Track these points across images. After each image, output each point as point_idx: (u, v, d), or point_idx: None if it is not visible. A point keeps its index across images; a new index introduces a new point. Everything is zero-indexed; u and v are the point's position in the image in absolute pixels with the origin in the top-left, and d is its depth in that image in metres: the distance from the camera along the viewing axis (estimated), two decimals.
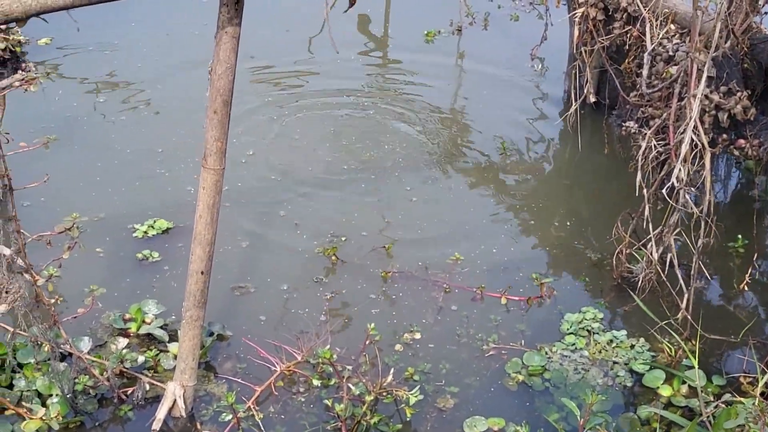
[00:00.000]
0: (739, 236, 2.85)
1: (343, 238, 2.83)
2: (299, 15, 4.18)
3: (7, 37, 3.61)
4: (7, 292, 1.96)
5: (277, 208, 2.99)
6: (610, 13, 3.19)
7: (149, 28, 4.11)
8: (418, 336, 2.52)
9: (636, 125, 2.94)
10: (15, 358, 2.31)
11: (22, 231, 2.02)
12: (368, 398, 2.23)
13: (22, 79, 2.39)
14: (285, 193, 3.07)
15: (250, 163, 3.21)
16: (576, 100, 3.31)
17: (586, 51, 3.27)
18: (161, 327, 2.48)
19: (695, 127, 2.39)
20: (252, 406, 2.28)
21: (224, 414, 2.25)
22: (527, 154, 3.41)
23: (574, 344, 2.48)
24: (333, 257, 2.75)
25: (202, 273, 2.21)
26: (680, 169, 2.43)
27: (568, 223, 2.98)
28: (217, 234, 2.18)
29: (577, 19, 3.28)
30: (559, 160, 3.41)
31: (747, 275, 2.64)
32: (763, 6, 2.73)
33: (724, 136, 2.83)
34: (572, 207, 3.12)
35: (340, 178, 3.18)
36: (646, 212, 2.49)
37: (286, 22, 4.17)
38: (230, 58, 2.04)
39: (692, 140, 2.43)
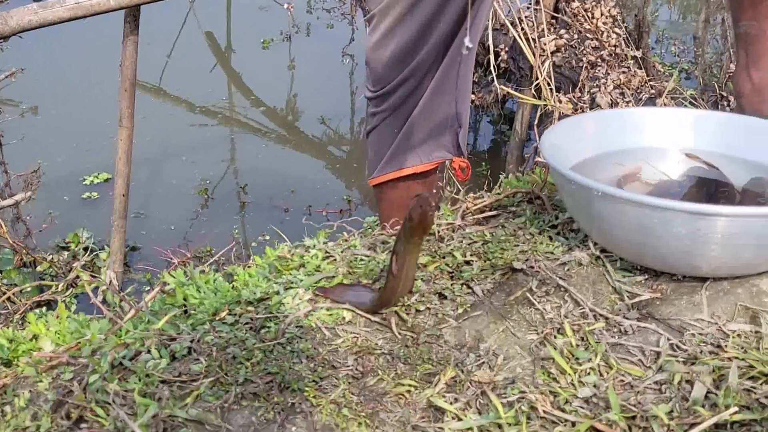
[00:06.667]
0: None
1: (210, 182, 4.08)
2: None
3: None
4: None
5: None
6: None
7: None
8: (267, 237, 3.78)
9: None
10: None
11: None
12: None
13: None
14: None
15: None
16: None
17: None
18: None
19: None
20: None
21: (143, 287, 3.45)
22: (341, 120, 4.73)
23: None
24: (206, 194, 3.99)
25: (123, 195, 3.40)
26: None
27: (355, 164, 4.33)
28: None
29: (367, 23, 4.61)
30: (363, 123, 4.74)
31: None
32: None
33: None
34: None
35: (208, 143, 4.42)
36: None
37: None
38: (133, 55, 3.26)
39: None
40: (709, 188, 1.36)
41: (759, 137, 1.38)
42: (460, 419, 1.04)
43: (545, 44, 3.60)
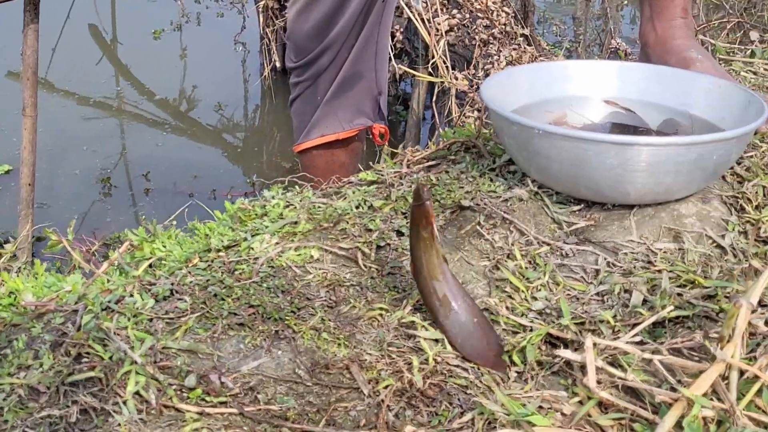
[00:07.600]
0: None
1: (111, 171, 4.08)
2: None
3: None
4: None
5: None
6: (282, 2, 4.61)
7: None
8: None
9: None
10: None
11: None
12: None
13: None
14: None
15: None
16: (267, 67, 4.73)
17: (270, 31, 4.68)
18: None
19: None
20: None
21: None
22: (237, 107, 4.78)
23: None
24: (108, 183, 3.99)
25: (29, 185, 3.39)
26: None
27: (269, 143, 4.39)
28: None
29: (260, 9, 4.68)
30: (259, 108, 4.81)
31: None
32: None
33: None
34: (269, 134, 4.53)
35: (106, 134, 4.41)
36: None
37: None
38: (34, 44, 3.25)
39: None
40: (628, 129, 1.51)
41: (670, 84, 1.55)
42: None
43: (439, 24, 3.74)
